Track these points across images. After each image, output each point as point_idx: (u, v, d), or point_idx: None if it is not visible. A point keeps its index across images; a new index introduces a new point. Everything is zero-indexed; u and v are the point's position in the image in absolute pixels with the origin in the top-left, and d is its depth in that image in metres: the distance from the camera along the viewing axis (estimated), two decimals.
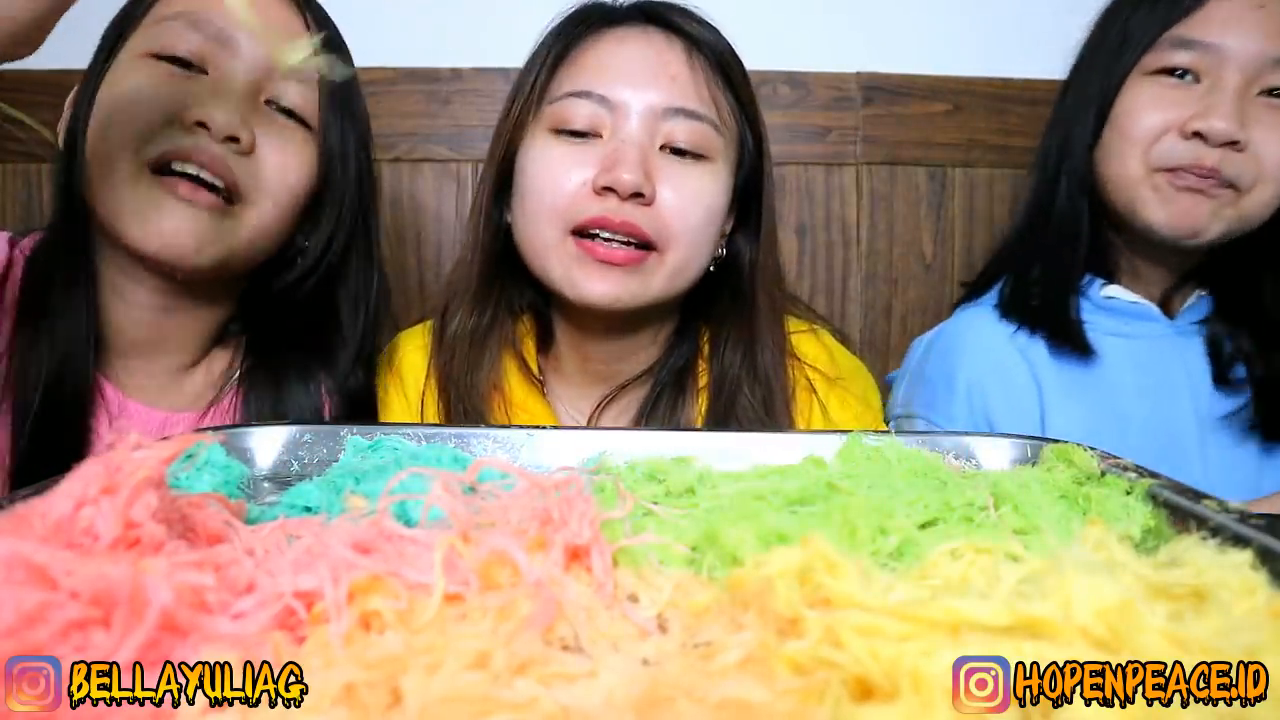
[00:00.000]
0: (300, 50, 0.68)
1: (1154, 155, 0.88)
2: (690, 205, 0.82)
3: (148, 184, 0.74)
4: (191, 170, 0.75)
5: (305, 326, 0.88)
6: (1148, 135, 0.89)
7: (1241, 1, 0.87)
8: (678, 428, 0.89)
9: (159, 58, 0.78)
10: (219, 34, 0.78)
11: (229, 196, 0.77)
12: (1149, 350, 0.94)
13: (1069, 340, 0.92)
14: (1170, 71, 0.89)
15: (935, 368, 1.00)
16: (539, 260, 0.84)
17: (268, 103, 0.81)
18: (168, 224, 0.74)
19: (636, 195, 0.79)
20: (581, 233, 0.80)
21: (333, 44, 0.87)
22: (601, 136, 0.81)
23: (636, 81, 0.81)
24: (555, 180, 0.81)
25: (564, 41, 0.85)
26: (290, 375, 0.86)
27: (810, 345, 0.94)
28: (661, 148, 0.82)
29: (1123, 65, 0.91)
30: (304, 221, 0.87)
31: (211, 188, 0.76)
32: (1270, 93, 0.86)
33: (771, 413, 0.87)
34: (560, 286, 0.82)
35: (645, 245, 0.81)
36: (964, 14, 1.36)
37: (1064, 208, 0.96)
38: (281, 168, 0.80)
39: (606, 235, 0.80)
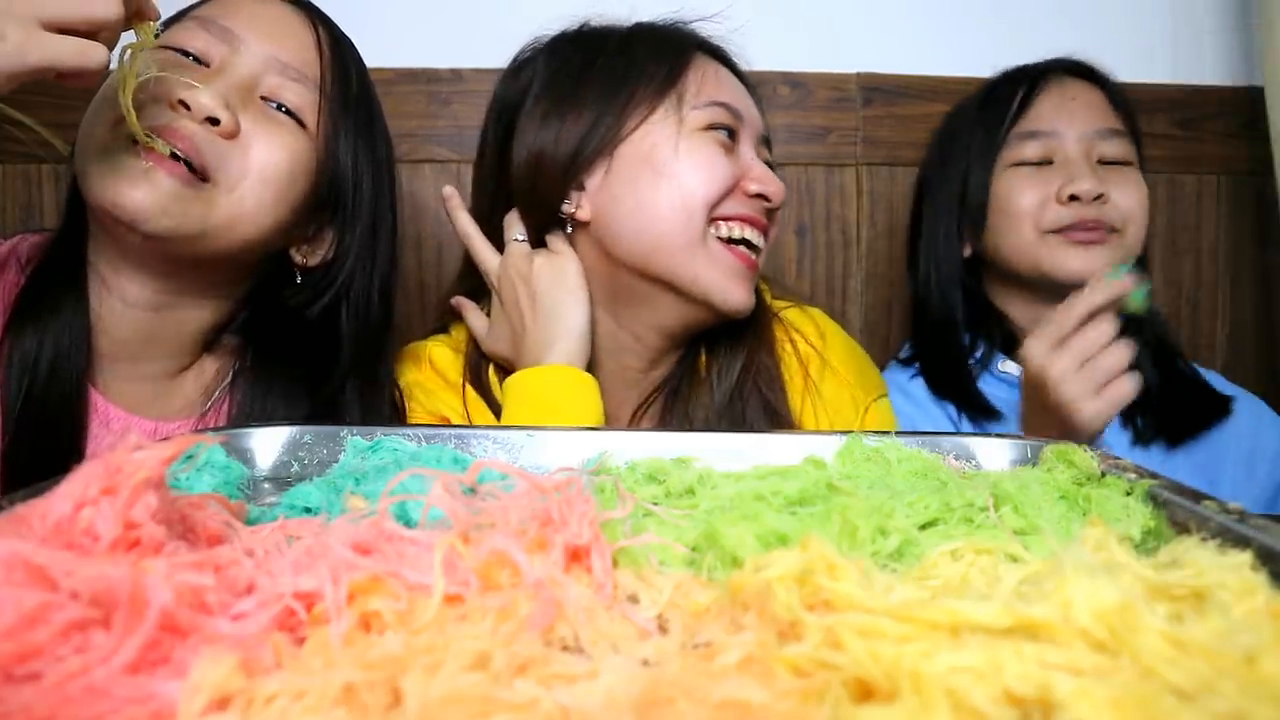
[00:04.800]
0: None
1: (1044, 222, 1.06)
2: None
3: (120, 149, 0.75)
4: (160, 148, 0.74)
5: (304, 344, 0.88)
6: (1032, 208, 1.07)
7: (1059, 95, 1.10)
8: (682, 428, 0.92)
9: (168, 50, 0.79)
10: (223, 33, 0.81)
11: (201, 175, 0.77)
12: None
13: (975, 408, 1.09)
14: (1025, 162, 1.09)
15: None
16: (667, 257, 0.86)
17: (266, 98, 0.81)
18: (125, 184, 0.74)
19: (763, 198, 0.90)
20: (719, 230, 0.88)
21: (348, 59, 0.87)
22: (735, 147, 0.90)
23: (750, 108, 0.93)
24: (721, 173, 0.87)
25: (675, 55, 0.90)
26: (281, 390, 0.86)
27: (796, 316, 1.00)
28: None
29: (986, 165, 1.11)
30: (299, 235, 0.87)
31: (185, 164, 0.76)
32: (1102, 162, 1.08)
33: (775, 415, 0.92)
34: (702, 290, 0.87)
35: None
36: (964, 14, 1.36)
37: (938, 303, 1.15)
38: (265, 158, 0.80)
39: (750, 237, 0.89)
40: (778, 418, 0.92)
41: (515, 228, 0.92)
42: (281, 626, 0.30)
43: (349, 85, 0.86)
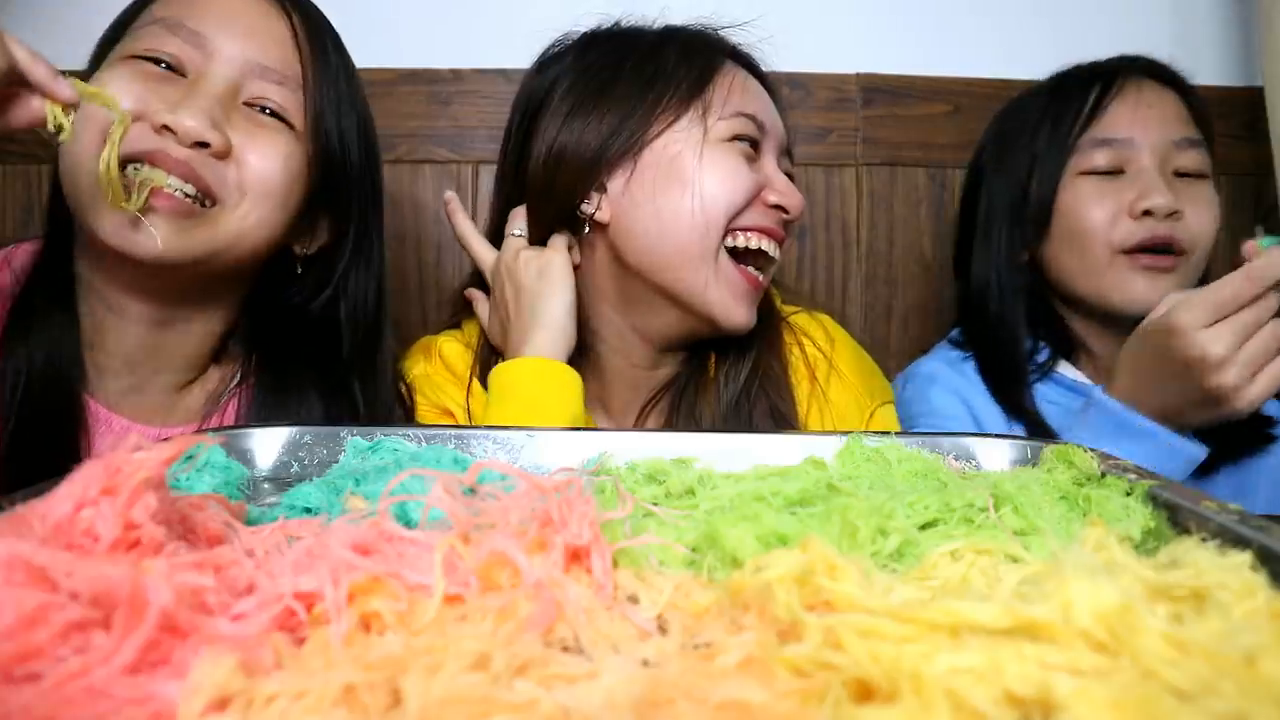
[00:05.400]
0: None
1: (1116, 238, 0.99)
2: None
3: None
4: (158, 180, 0.73)
5: (308, 343, 0.87)
6: (1103, 223, 1.00)
7: (1134, 101, 1.02)
8: (688, 428, 0.92)
9: (138, 59, 0.77)
10: (194, 38, 0.77)
11: (203, 201, 0.76)
12: None
13: (1028, 422, 1.02)
14: (1096, 171, 1.02)
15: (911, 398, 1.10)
16: (679, 269, 0.86)
17: (249, 104, 0.79)
18: (128, 225, 0.72)
19: (781, 210, 0.90)
20: (733, 249, 0.88)
21: (326, 41, 0.84)
22: (758, 158, 0.91)
23: (775, 120, 0.93)
24: (743, 184, 0.87)
25: (704, 62, 0.90)
26: (291, 391, 0.85)
27: (805, 321, 1.01)
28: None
29: (1052, 172, 1.03)
30: (299, 229, 0.86)
31: (184, 194, 0.74)
32: (1177, 174, 1.01)
33: (782, 419, 0.93)
34: (707, 304, 0.87)
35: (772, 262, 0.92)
36: (964, 14, 1.36)
37: (996, 310, 1.07)
38: (260, 170, 0.78)
39: (766, 248, 0.89)
40: (784, 422, 0.92)
41: (515, 223, 0.93)
42: (281, 627, 0.30)
43: (329, 68, 0.83)
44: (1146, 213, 0.98)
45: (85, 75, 0.79)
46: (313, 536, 0.35)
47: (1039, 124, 1.06)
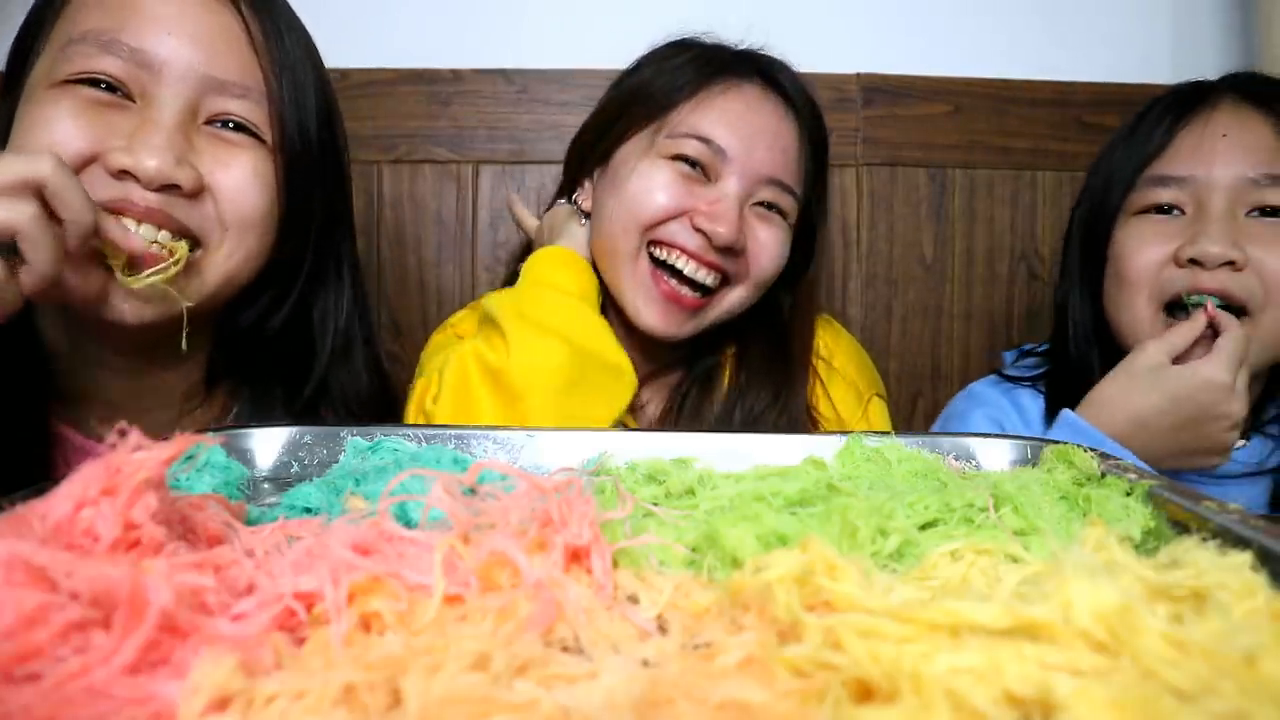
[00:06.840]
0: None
1: (1158, 291, 0.88)
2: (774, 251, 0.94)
3: (92, 259, 0.65)
4: (129, 225, 0.66)
5: (285, 357, 0.83)
6: (1147, 271, 0.89)
7: (1204, 133, 0.89)
8: (686, 427, 0.96)
9: (74, 84, 0.67)
10: (136, 55, 0.67)
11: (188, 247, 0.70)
12: None
13: None
14: (1156, 209, 0.90)
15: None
16: (610, 262, 0.93)
17: (210, 122, 0.71)
18: (105, 308, 0.66)
19: (703, 233, 0.89)
20: (655, 256, 0.91)
21: (281, 30, 0.76)
22: (711, 180, 0.91)
23: (753, 147, 0.91)
24: (660, 199, 0.90)
25: (694, 80, 0.92)
26: (281, 410, 0.82)
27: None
28: (755, 204, 0.93)
29: (1108, 211, 0.93)
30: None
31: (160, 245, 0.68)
32: (1261, 211, 0.86)
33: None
34: (624, 302, 0.93)
35: (713, 289, 0.92)
36: (964, 14, 1.36)
37: (1074, 356, 0.99)
38: (240, 200, 0.71)
39: (682, 267, 0.90)
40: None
41: (558, 199, 1.05)
42: (281, 627, 0.30)
43: (288, 57, 0.75)
44: (1195, 262, 0.85)
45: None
46: (313, 536, 0.35)
47: (1110, 161, 0.95)
